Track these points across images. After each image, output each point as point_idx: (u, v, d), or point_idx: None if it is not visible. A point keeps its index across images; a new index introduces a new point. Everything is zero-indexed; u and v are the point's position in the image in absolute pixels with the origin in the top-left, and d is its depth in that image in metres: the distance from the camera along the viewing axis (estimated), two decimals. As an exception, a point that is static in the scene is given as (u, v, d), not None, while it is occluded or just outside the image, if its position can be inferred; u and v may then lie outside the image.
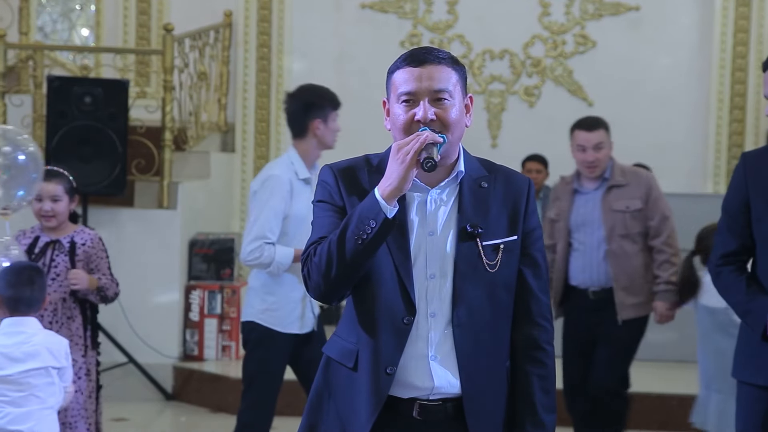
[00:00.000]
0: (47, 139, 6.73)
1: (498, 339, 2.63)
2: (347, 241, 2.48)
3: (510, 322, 2.65)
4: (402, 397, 2.58)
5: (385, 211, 2.46)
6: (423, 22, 8.85)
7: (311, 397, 2.70)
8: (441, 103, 2.56)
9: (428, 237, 2.59)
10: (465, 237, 2.58)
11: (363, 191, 2.56)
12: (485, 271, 2.58)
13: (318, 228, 2.63)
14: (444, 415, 2.59)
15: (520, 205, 2.66)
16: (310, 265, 2.57)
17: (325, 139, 4.65)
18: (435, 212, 2.61)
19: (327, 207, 2.64)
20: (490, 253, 2.59)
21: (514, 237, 2.63)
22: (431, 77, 2.55)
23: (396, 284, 2.56)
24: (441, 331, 2.57)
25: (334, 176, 2.64)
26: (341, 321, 2.71)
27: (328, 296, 2.60)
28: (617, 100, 8.66)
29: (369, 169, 2.64)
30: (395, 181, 2.46)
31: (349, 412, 2.60)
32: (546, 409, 2.63)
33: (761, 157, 3.47)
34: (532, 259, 2.67)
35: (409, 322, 2.56)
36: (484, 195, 2.63)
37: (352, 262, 2.50)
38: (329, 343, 2.71)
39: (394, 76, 2.60)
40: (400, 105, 2.58)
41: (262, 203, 4.51)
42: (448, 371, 2.57)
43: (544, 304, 2.68)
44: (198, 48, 8.07)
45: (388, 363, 2.55)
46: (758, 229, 3.42)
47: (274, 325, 4.55)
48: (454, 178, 2.63)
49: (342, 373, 2.63)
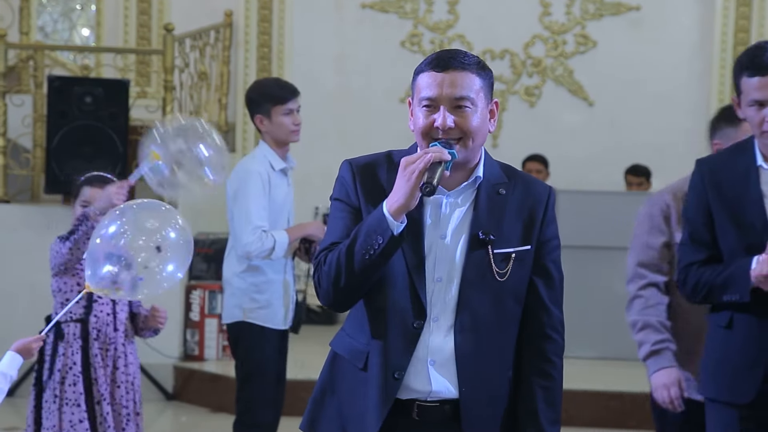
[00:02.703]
0: (48, 139, 6.73)
1: (501, 347, 2.61)
2: (356, 254, 2.47)
3: (516, 331, 2.63)
4: (401, 398, 2.57)
5: (392, 228, 2.44)
6: (423, 22, 8.85)
7: (315, 391, 2.69)
8: (461, 110, 2.52)
9: (440, 240, 2.57)
10: (476, 244, 2.56)
11: (381, 189, 2.54)
12: (494, 280, 2.56)
13: (331, 232, 2.61)
14: (442, 416, 2.58)
15: (538, 213, 2.62)
16: (320, 272, 2.56)
17: (274, 135, 4.59)
18: (449, 216, 2.59)
19: (342, 207, 2.61)
20: (501, 261, 2.56)
21: (528, 246, 2.60)
22: (453, 84, 2.52)
23: (407, 287, 2.55)
24: (442, 335, 2.56)
25: (352, 173, 2.61)
26: (349, 317, 2.69)
27: (338, 304, 2.60)
28: (617, 100, 8.66)
29: (389, 167, 2.60)
30: (401, 198, 2.44)
31: (354, 412, 2.60)
32: (549, 421, 2.61)
33: (719, 166, 3.31)
34: (545, 269, 2.64)
35: (420, 326, 2.55)
36: (500, 202, 2.60)
37: (361, 275, 2.49)
38: (337, 339, 2.70)
39: (419, 78, 2.57)
40: (422, 109, 2.54)
41: (247, 197, 4.52)
42: (447, 377, 2.56)
43: (555, 316, 2.65)
44: (198, 48, 8.07)
45: (397, 368, 2.54)
46: (724, 243, 3.25)
47: (266, 322, 4.55)
48: (472, 183, 2.60)
49: (349, 371, 2.62)
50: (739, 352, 3.20)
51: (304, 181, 7.84)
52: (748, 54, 3.19)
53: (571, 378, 2.90)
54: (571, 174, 8.42)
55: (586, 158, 8.63)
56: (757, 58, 3.14)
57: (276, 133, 4.58)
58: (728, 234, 3.22)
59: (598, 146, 8.69)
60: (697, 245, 3.29)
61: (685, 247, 3.33)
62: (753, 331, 3.18)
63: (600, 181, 8.29)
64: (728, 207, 3.22)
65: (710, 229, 3.26)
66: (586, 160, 8.61)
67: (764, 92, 3.13)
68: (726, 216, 3.22)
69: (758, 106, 3.14)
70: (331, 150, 7.85)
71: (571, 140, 8.71)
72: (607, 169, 8.46)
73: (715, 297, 3.25)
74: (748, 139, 3.28)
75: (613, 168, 8.37)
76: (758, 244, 3.13)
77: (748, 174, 3.21)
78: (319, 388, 2.69)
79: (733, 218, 3.21)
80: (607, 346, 7.06)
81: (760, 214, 3.17)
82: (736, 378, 3.20)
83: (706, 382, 3.32)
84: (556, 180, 8.30)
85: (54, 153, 6.64)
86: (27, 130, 7.30)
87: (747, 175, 3.22)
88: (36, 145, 7.24)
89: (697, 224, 3.29)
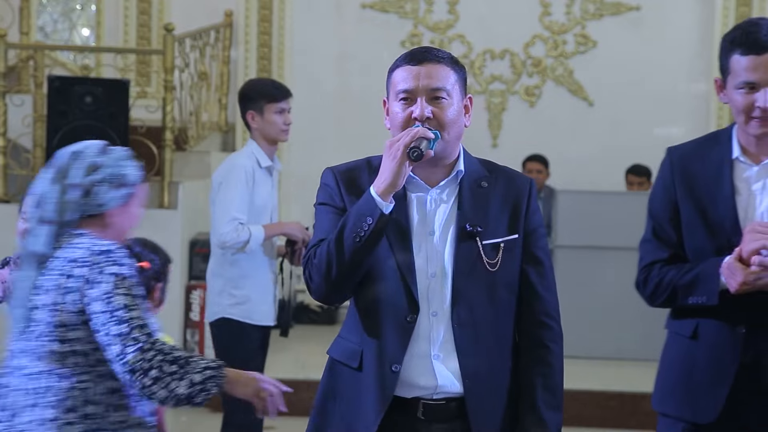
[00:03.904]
0: (48, 139, 6.73)
1: (500, 338, 2.63)
2: (345, 240, 2.49)
3: (512, 321, 2.65)
4: (406, 397, 2.58)
5: (381, 207, 2.47)
6: (423, 21, 8.85)
7: (317, 399, 2.70)
8: (438, 101, 2.57)
9: (428, 236, 2.60)
10: (464, 236, 2.59)
11: (363, 193, 2.56)
12: (486, 271, 2.58)
13: (318, 230, 2.64)
14: (448, 415, 2.59)
15: (522, 204, 2.66)
16: (311, 267, 2.58)
17: (265, 131, 4.71)
18: (435, 211, 2.62)
19: (327, 209, 2.64)
20: (490, 252, 2.59)
21: (515, 236, 2.63)
22: (429, 75, 2.57)
23: (399, 283, 2.56)
24: (443, 330, 2.58)
25: (335, 178, 2.66)
26: (345, 322, 2.71)
27: (330, 297, 2.61)
28: (617, 100, 8.66)
29: (370, 171, 2.64)
30: (389, 176, 2.48)
31: (355, 413, 2.60)
32: (549, 407, 2.61)
33: (691, 155, 2.95)
34: (535, 257, 2.66)
35: (413, 320, 2.56)
36: (484, 194, 2.64)
37: (352, 261, 2.51)
38: (333, 346, 2.72)
39: (394, 74, 2.62)
40: (399, 103, 2.59)
41: (229, 188, 4.59)
42: (450, 370, 2.57)
43: (549, 302, 2.67)
44: (199, 48, 8.07)
45: (393, 361, 2.55)
46: (690, 242, 2.90)
47: (246, 318, 4.59)
48: (453, 178, 2.64)
49: (347, 375, 2.64)
50: (704, 368, 2.87)
51: (304, 182, 7.85)
52: (742, 29, 2.83)
53: (571, 378, 2.89)
54: (571, 174, 8.42)
55: (586, 158, 8.63)
56: (752, 35, 2.78)
57: (267, 130, 4.69)
58: (695, 232, 2.89)
59: (598, 146, 8.69)
60: (661, 242, 2.94)
61: (648, 244, 2.98)
62: (720, 342, 2.85)
63: (600, 181, 8.29)
64: (697, 202, 2.89)
65: (676, 226, 2.92)
66: (586, 160, 8.61)
67: (758, 73, 2.77)
68: (694, 212, 2.89)
69: (748, 89, 2.79)
70: (331, 150, 7.85)
71: (571, 140, 8.71)
72: (607, 169, 8.46)
73: (678, 299, 2.90)
74: (725, 129, 2.95)
75: (613, 168, 8.37)
76: (726, 246, 2.81)
77: (722, 167, 2.88)
78: (321, 396, 2.70)
79: (701, 215, 2.88)
80: (607, 346, 7.06)
81: (730, 212, 2.85)
82: (698, 396, 2.87)
83: (663, 396, 2.99)
84: (556, 180, 8.30)
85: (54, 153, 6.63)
86: (27, 130, 7.31)
87: (720, 168, 2.88)
88: (36, 145, 7.25)
89: (662, 219, 2.94)
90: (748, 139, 2.85)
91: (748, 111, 2.80)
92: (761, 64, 2.77)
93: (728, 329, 2.84)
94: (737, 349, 2.82)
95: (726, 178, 2.86)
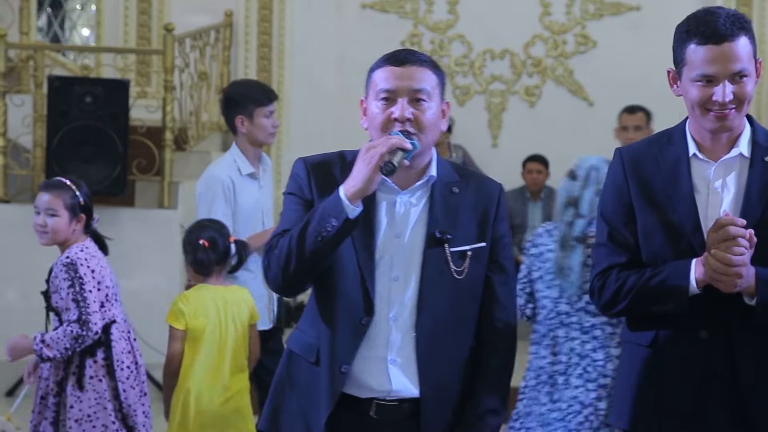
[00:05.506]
0: (48, 139, 6.74)
1: (458, 346, 2.64)
2: (307, 237, 2.49)
3: (473, 329, 2.66)
4: (360, 396, 2.59)
5: (348, 211, 2.46)
6: (423, 21, 8.85)
7: (274, 383, 2.72)
8: (419, 103, 2.57)
9: (395, 239, 2.60)
10: (433, 242, 2.59)
11: (334, 187, 2.56)
12: (452, 278, 2.59)
13: (284, 220, 2.64)
14: (400, 415, 2.60)
15: (490, 211, 2.66)
16: (270, 256, 2.58)
17: (253, 136, 4.65)
18: (404, 215, 2.62)
19: (296, 200, 2.65)
20: (458, 259, 2.60)
21: (483, 244, 2.64)
22: (411, 77, 2.57)
23: (358, 283, 2.57)
24: (402, 335, 2.58)
25: (307, 170, 2.66)
26: (304, 314, 2.72)
27: (286, 289, 2.63)
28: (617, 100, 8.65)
29: (342, 166, 2.64)
30: (360, 182, 2.47)
31: (310, 405, 2.62)
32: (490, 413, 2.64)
33: (642, 157, 2.78)
34: (500, 266, 2.68)
35: (367, 322, 2.56)
36: (454, 201, 2.64)
37: (311, 259, 2.51)
38: (292, 337, 2.73)
39: (375, 74, 2.63)
40: (378, 102, 2.59)
41: (208, 204, 4.56)
42: (407, 376, 2.58)
43: (509, 311, 2.69)
44: (199, 48, 8.06)
45: (343, 361, 2.57)
46: (648, 248, 2.72)
47: None
48: (425, 182, 2.64)
49: (303, 367, 2.65)
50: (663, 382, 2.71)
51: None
52: (698, 18, 2.69)
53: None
54: (571, 174, 8.41)
55: (586, 158, 8.61)
56: (710, 24, 2.62)
57: (256, 134, 4.64)
58: (653, 238, 2.70)
59: (598, 146, 8.66)
60: (617, 246, 2.74)
61: (603, 248, 2.77)
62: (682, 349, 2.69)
63: (600, 181, 8.28)
64: (655, 207, 2.71)
65: (632, 230, 2.73)
66: (586, 160, 8.59)
67: (716, 66, 2.61)
68: (652, 217, 2.71)
69: (705, 81, 2.63)
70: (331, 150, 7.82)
71: (571, 140, 8.70)
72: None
73: (641, 307, 2.71)
74: (677, 126, 2.80)
75: (613, 168, 8.36)
76: (687, 250, 2.65)
77: (679, 165, 2.72)
78: (277, 385, 2.71)
79: (660, 219, 2.70)
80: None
81: (690, 212, 2.68)
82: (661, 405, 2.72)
83: (622, 411, 2.81)
84: (556, 180, 8.30)
85: (54, 153, 6.64)
86: (27, 130, 7.30)
87: (677, 167, 2.72)
88: (36, 145, 7.25)
89: (616, 223, 2.75)
90: (703, 134, 2.71)
91: (703, 104, 2.65)
92: (720, 55, 2.61)
93: (690, 335, 2.67)
94: (701, 355, 2.66)
95: (684, 177, 2.70)
